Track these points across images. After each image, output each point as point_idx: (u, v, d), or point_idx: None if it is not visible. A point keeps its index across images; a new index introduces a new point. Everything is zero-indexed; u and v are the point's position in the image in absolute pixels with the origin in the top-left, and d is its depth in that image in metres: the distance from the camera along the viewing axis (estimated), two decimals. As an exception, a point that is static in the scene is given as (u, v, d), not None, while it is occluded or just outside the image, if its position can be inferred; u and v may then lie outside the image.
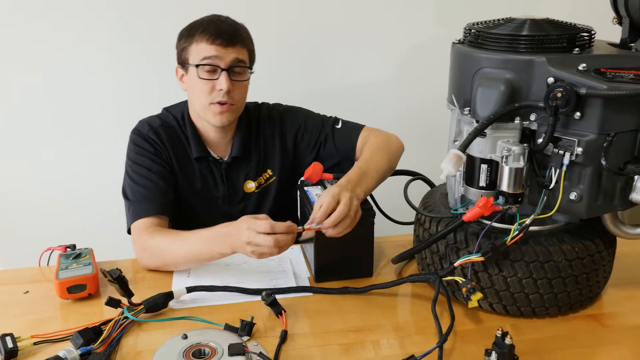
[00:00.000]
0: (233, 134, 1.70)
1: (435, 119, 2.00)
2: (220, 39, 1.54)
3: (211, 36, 1.54)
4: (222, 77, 1.54)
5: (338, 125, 1.74)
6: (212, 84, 1.55)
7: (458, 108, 1.28)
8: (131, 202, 1.56)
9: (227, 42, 1.54)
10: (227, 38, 1.54)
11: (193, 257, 1.42)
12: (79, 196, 2.35)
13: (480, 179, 1.24)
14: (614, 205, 1.19)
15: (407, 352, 1.14)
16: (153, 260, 1.47)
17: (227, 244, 1.34)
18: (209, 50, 1.54)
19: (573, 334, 1.23)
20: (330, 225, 1.29)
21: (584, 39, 1.21)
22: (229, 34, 1.55)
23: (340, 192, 1.32)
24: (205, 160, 1.68)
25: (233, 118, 1.63)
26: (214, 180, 1.70)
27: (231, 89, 1.55)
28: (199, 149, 1.66)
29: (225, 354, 1.06)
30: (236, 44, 1.56)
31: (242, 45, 1.58)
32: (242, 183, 1.72)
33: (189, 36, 1.58)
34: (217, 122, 1.60)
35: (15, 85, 2.21)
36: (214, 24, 1.56)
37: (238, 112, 1.64)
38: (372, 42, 2.37)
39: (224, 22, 1.58)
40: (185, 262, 1.45)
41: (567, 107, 1.09)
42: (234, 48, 1.56)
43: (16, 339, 1.15)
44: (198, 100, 1.59)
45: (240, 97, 1.61)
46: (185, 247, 1.42)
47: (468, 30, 1.29)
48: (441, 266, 1.32)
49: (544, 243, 1.21)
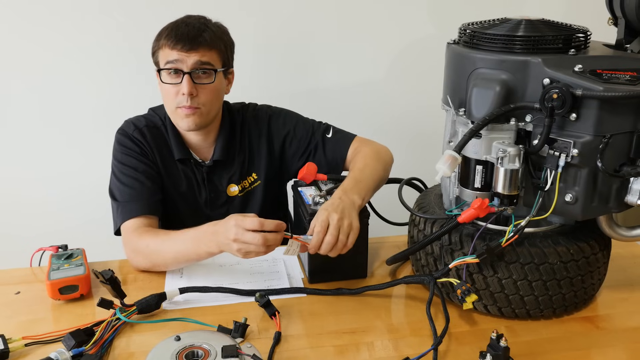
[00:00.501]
0: (216, 136, 1.67)
1: (430, 120, 2.00)
2: (181, 43, 1.51)
3: (172, 40, 1.51)
4: (184, 81, 1.51)
5: (329, 134, 1.71)
6: (176, 88, 1.53)
7: (453, 109, 1.27)
8: (119, 203, 1.54)
9: (189, 47, 1.51)
10: (188, 42, 1.51)
11: (182, 257, 1.40)
12: (70, 196, 2.34)
13: (475, 180, 1.23)
14: (609, 207, 1.19)
15: (401, 354, 1.14)
16: (144, 261, 1.45)
17: (215, 242, 1.32)
18: (170, 54, 1.52)
19: (568, 336, 1.23)
20: (324, 253, 1.31)
21: (579, 39, 1.21)
22: (190, 37, 1.51)
23: (329, 216, 1.30)
24: (188, 162, 1.67)
25: (201, 122, 1.58)
26: (196, 183, 1.68)
27: (194, 93, 1.53)
28: (180, 151, 1.64)
29: (219, 356, 1.05)
30: (199, 46, 1.52)
31: (207, 48, 1.54)
32: (224, 187, 1.70)
33: (157, 40, 1.56)
34: (184, 126, 1.57)
35: (5, 85, 2.19)
36: (177, 28, 1.53)
37: (207, 115, 1.59)
38: (364, 42, 2.36)
39: (188, 25, 1.54)
40: (175, 262, 1.43)
41: (563, 109, 1.09)
42: (197, 51, 1.52)
43: (7, 340, 1.14)
44: (167, 105, 1.59)
45: (207, 100, 1.56)
46: (174, 247, 1.40)
47: (463, 31, 1.28)
48: (436, 267, 1.31)
49: (539, 245, 1.20)
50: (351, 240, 1.32)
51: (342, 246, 1.31)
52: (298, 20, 2.29)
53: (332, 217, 1.30)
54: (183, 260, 1.41)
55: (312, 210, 1.38)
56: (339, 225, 1.30)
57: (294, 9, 2.27)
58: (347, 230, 1.31)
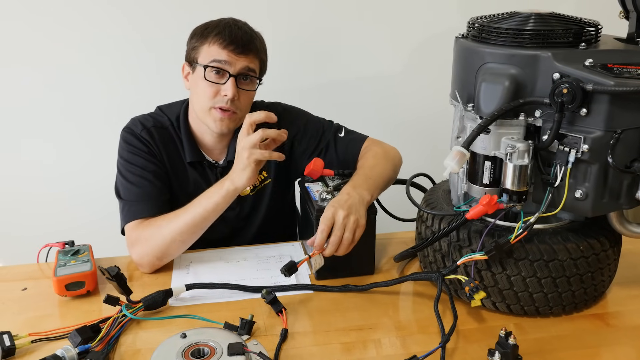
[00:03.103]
0: (230, 137, 1.66)
1: (438, 115, 1.98)
2: (234, 45, 1.51)
3: (224, 40, 1.51)
4: (229, 83, 1.51)
5: (341, 134, 1.71)
6: (217, 88, 1.52)
7: (461, 104, 1.26)
8: (125, 202, 1.53)
9: (241, 50, 1.51)
10: (240, 45, 1.51)
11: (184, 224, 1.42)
12: (78, 193, 2.34)
13: (483, 176, 1.22)
14: (620, 203, 1.17)
15: (409, 352, 1.13)
16: (146, 248, 1.42)
17: (223, 182, 1.41)
18: (220, 54, 1.51)
19: (577, 333, 1.21)
20: (329, 254, 1.31)
21: (590, 33, 1.19)
22: (243, 41, 1.52)
23: (335, 213, 1.31)
24: (200, 164, 1.65)
25: (233, 126, 1.59)
26: (208, 185, 1.64)
27: (236, 97, 1.52)
28: (193, 153, 1.63)
29: (225, 354, 1.05)
30: (249, 52, 1.53)
31: (255, 55, 1.55)
32: None
33: (202, 36, 1.54)
34: (216, 128, 1.56)
35: (14, 83, 2.19)
36: (229, 29, 1.52)
37: (239, 121, 1.58)
38: (375, 37, 2.34)
39: (240, 28, 1.55)
40: (180, 234, 1.42)
41: (573, 104, 1.07)
42: (247, 56, 1.53)
43: (14, 337, 1.14)
44: (200, 103, 1.56)
45: (244, 106, 1.58)
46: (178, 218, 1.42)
47: (472, 25, 1.26)
48: (444, 264, 1.30)
49: (548, 241, 1.19)
50: (357, 236, 1.31)
51: (347, 244, 1.31)
52: (309, 16, 2.28)
53: (339, 214, 1.30)
54: (200, 219, 1.42)
55: (319, 206, 1.38)
56: (345, 224, 1.30)
57: (304, 6, 2.26)
58: (352, 227, 1.31)
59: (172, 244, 1.42)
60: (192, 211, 1.42)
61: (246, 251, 1.55)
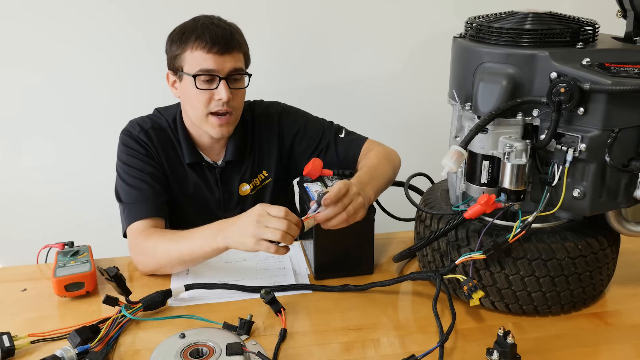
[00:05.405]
0: (228, 137, 1.65)
1: (436, 115, 1.98)
2: (217, 46, 1.47)
3: (207, 43, 1.47)
4: (222, 87, 1.49)
5: (341, 135, 1.70)
6: (210, 94, 1.50)
7: (459, 103, 1.26)
8: (125, 205, 1.52)
9: (224, 50, 1.48)
10: (223, 44, 1.48)
11: (188, 254, 1.36)
12: (77, 194, 2.34)
13: (481, 175, 1.22)
14: (618, 202, 1.17)
15: (408, 351, 1.13)
16: (150, 261, 1.42)
17: (226, 234, 1.29)
18: (206, 60, 1.47)
19: (576, 332, 1.21)
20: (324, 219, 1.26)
21: (587, 32, 1.19)
22: (225, 40, 1.48)
23: (349, 185, 1.29)
24: (199, 165, 1.65)
25: (232, 128, 1.58)
26: (207, 186, 1.66)
27: (230, 99, 1.51)
28: (191, 155, 1.62)
29: (223, 354, 1.05)
30: (233, 49, 1.50)
31: (238, 51, 1.52)
32: (237, 187, 1.68)
33: (182, 42, 1.51)
34: (216, 134, 1.56)
35: (14, 84, 2.19)
36: (208, 30, 1.48)
37: (237, 120, 1.59)
38: (375, 38, 2.34)
39: (218, 26, 1.50)
40: (180, 261, 1.39)
41: (571, 103, 1.07)
42: (231, 55, 1.50)
43: (13, 338, 1.14)
44: (195, 111, 1.54)
45: (239, 104, 1.57)
46: (181, 244, 1.37)
47: (469, 24, 1.27)
48: (442, 264, 1.31)
49: (546, 240, 1.19)
50: (358, 216, 1.29)
51: (347, 217, 1.27)
52: (307, 16, 2.28)
53: (352, 188, 1.29)
54: (189, 258, 1.37)
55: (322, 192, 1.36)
56: (353, 198, 1.28)
57: (308, 3, 2.26)
58: (358, 205, 1.29)
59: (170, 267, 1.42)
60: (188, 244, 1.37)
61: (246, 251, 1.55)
